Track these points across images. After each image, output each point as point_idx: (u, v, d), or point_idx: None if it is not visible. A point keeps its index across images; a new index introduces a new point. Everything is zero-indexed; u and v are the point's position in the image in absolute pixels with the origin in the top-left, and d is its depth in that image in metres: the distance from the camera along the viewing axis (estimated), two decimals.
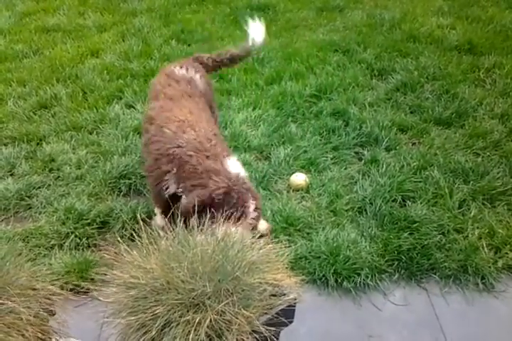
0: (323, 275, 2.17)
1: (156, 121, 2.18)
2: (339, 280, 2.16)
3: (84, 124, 3.18)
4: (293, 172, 2.73)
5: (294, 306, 1.64)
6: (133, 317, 1.49)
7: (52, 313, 1.59)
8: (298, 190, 2.65)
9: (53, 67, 3.83)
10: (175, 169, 2.02)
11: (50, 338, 1.57)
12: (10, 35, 4.40)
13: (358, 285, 2.15)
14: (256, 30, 2.78)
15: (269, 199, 2.59)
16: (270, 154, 2.91)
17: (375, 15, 4.47)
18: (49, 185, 2.71)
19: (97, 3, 4.94)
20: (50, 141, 3.05)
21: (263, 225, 2.35)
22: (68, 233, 2.37)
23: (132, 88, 3.52)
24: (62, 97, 3.46)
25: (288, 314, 1.61)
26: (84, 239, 2.35)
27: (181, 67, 2.48)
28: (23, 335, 1.45)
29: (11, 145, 3.03)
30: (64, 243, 2.33)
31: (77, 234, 2.37)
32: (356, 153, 2.92)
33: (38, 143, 3.05)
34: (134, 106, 3.37)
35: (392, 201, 2.52)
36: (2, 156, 2.92)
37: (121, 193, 2.65)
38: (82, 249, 2.32)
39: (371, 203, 2.51)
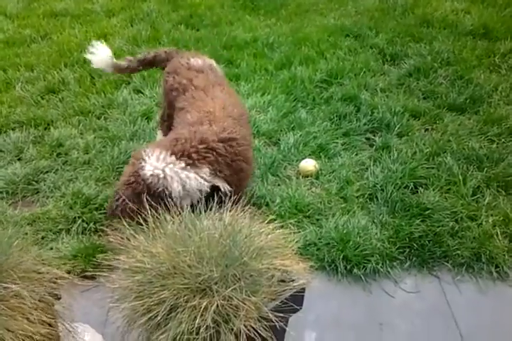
0: (333, 262, 2.14)
1: (186, 108, 2.12)
2: (349, 267, 2.12)
3: (92, 109, 3.15)
4: (302, 158, 2.68)
5: (303, 292, 1.60)
6: (139, 302, 1.46)
7: (57, 297, 1.57)
8: (307, 176, 2.60)
9: (61, 52, 3.80)
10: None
11: (56, 322, 1.55)
12: (18, 19, 4.38)
13: (368, 272, 2.11)
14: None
15: (278, 185, 2.55)
16: (279, 140, 2.87)
17: (388, 0, 4.36)
18: (57, 169, 2.69)
19: None
20: (57, 125, 3.03)
21: None
22: (75, 217, 2.35)
23: (140, 73, 3.46)
24: (70, 82, 3.43)
25: (297, 300, 1.58)
26: (91, 224, 2.33)
27: (194, 58, 2.39)
28: (27, 319, 1.44)
29: (18, 130, 3.01)
30: (71, 227, 2.32)
31: (84, 218, 2.35)
32: (367, 139, 2.86)
33: (45, 128, 3.03)
34: (142, 91, 3.33)
35: (404, 188, 2.47)
36: (10, 141, 2.90)
37: None
38: (89, 234, 2.31)
39: (382, 190, 2.45)
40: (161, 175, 1.80)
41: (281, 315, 1.50)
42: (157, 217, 1.62)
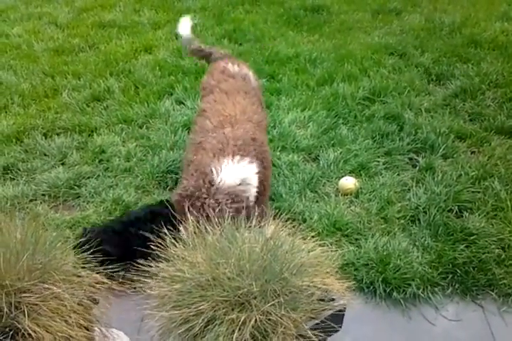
0: (371, 284, 2.07)
1: (206, 113, 2.18)
2: (388, 290, 2.05)
3: (135, 118, 3.21)
4: (342, 176, 2.64)
5: (343, 312, 1.55)
6: (176, 312, 1.45)
7: (95, 302, 1.57)
8: (347, 194, 2.55)
9: (107, 62, 3.90)
10: (195, 158, 2.01)
11: (92, 326, 1.55)
12: (68, 29, 4.54)
13: (408, 296, 2.03)
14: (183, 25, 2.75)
15: (317, 201, 2.51)
16: (319, 156, 2.83)
17: (434, 19, 4.32)
18: (98, 175, 2.73)
19: (153, 1, 5.03)
20: (101, 132, 3.09)
21: None
22: None
23: (183, 85, 3.53)
24: (115, 91, 3.51)
25: (336, 320, 1.53)
26: None
27: (233, 64, 2.47)
28: (66, 321, 1.44)
29: (63, 135, 3.09)
30: None
31: None
32: (410, 159, 2.79)
33: (89, 135, 3.10)
34: (184, 102, 3.37)
35: (448, 211, 2.39)
36: (55, 145, 2.98)
37: (168, 187, 2.63)
38: None
39: (425, 212, 2.38)
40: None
41: (320, 334, 1.45)
42: (197, 227, 1.62)
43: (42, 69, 3.84)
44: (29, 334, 1.36)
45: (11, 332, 1.37)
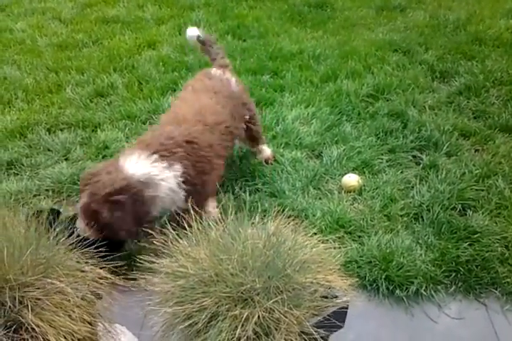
0: (374, 282, 2.07)
1: (168, 108, 2.28)
2: (391, 288, 2.05)
3: (139, 114, 3.20)
4: (345, 173, 2.63)
5: (346, 309, 1.55)
6: (179, 307, 1.45)
7: (99, 297, 1.58)
8: (350, 192, 2.55)
9: (111, 57, 3.90)
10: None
11: (96, 321, 1.55)
12: (71, 24, 4.53)
13: (410, 294, 2.03)
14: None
15: (320, 198, 2.51)
16: (322, 153, 2.83)
17: (439, 16, 4.30)
18: None
19: None
20: (104, 128, 3.09)
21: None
22: None
23: (186, 81, 3.51)
24: (119, 86, 3.51)
25: (339, 317, 1.53)
26: None
27: (218, 69, 2.48)
28: (69, 316, 1.44)
29: (67, 131, 3.10)
30: None
31: None
32: (414, 156, 2.78)
33: (93, 130, 3.10)
34: None
35: (452, 209, 2.38)
36: (58, 141, 2.98)
37: None
38: None
39: (428, 210, 2.37)
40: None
41: (323, 331, 1.45)
42: (200, 223, 1.62)
43: (46, 64, 3.84)
44: (32, 329, 1.36)
45: (15, 327, 1.38)
